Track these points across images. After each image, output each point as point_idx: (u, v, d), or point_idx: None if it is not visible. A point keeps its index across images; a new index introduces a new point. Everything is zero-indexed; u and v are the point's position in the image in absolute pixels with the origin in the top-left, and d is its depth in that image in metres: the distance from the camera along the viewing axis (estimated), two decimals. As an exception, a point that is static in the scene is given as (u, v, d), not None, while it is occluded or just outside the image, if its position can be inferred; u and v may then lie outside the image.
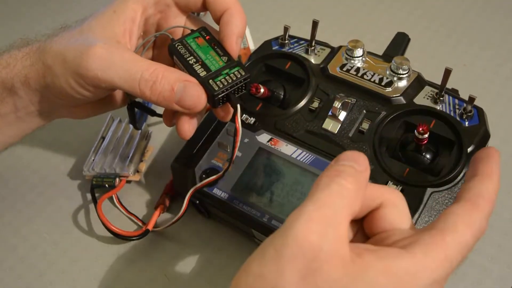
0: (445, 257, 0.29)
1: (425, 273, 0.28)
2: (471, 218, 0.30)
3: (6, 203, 0.55)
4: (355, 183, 0.29)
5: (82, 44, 0.40)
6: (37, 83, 0.43)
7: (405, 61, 0.49)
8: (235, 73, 0.41)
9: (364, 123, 0.48)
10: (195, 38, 0.43)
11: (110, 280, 0.49)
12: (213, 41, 0.42)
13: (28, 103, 0.45)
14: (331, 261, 0.27)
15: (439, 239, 0.29)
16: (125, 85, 0.40)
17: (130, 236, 0.50)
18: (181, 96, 0.40)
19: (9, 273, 0.50)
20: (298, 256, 0.27)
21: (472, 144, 0.46)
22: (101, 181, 0.53)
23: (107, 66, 0.39)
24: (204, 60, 0.41)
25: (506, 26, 0.68)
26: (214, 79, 0.40)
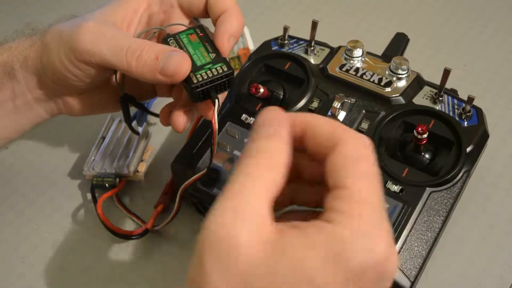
0: (361, 205, 0.28)
1: (347, 233, 0.27)
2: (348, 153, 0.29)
3: (7, 203, 0.55)
4: (263, 157, 0.29)
5: (77, 21, 0.42)
6: (34, 64, 0.44)
7: (404, 61, 0.49)
8: (217, 68, 0.40)
9: (364, 123, 0.48)
10: (188, 35, 0.43)
11: (110, 279, 0.49)
12: (206, 38, 0.42)
13: (25, 89, 0.45)
14: (248, 247, 0.27)
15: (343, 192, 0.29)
16: (112, 57, 0.40)
17: (129, 235, 0.50)
18: (164, 63, 0.40)
19: (10, 273, 0.50)
20: (216, 251, 0.27)
21: (471, 144, 0.46)
22: (101, 180, 0.53)
23: (97, 39, 0.41)
24: (192, 55, 0.41)
25: (506, 27, 0.68)
26: (195, 72, 0.40)
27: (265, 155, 0.29)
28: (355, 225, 0.28)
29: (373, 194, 0.29)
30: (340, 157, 0.29)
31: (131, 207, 0.53)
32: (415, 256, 0.42)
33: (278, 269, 0.27)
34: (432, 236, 0.43)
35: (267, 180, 0.29)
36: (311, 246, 0.27)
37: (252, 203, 0.28)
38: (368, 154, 0.30)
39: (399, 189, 0.44)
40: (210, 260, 0.27)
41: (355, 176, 0.29)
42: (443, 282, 0.47)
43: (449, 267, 0.48)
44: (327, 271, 0.27)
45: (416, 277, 0.42)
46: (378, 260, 0.27)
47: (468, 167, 0.46)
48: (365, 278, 0.28)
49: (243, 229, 0.27)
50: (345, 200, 0.28)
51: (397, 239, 0.42)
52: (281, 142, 0.30)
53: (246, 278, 0.27)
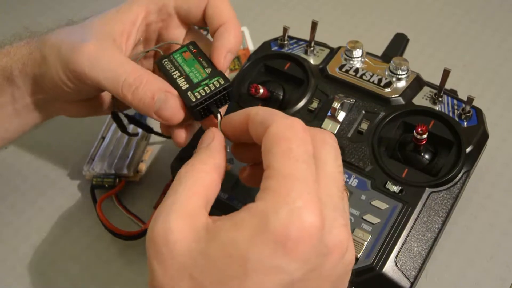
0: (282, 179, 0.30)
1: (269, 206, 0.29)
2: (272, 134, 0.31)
3: (6, 203, 0.55)
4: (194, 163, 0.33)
5: (76, 38, 0.41)
6: (33, 71, 0.44)
7: (404, 62, 0.50)
8: (214, 83, 0.39)
9: (363, 123, 0.48)
10: (182, 53, 0.42)
11: (110, 280, 0.49)
12: (200, 54, 0.41)
13: (25, 93, 0.45)
14: (181, 239, 0.29)
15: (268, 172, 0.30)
16: (109, 86, 0.40)
17: (129, 235, 0.50)
18: (160, 106, 0.39)
19: (10, 273, 0.50)
20: (155, 250, 0.30)
21: (471, 144, 0.46)
22: (101, 181, 0.53)
23: (95, 64, 0.40)
24: (188, 73, 0.40)
25: (505, 26, 0.68)
26: (192, 91, 0.39)
27: (195, 162, 0.33)
28: (277, 198, 0.29)
29: (294, 169, 0.30)
30: (268, 139, 0.31)
31: (131, 207, 0.53)
32: (414, 257, 0.42)
33: (212, 254, 0.29)
34: (432, 236, 0.43)
35: (196, 181, 0.32)
36: (238, 226, 0.29)
37: (183, 200, 0.31)
38: (291, 134, 0.31)
39: (399, 189, 0.44)
40: (152, 257, 0.30)
41: (277, 154, 0.30)
42: (443, 282, 0.48)
43: (449, 267, 0.48)
44: (257, 247, 0.28)
45: (415, 277, 0.42)
46: (305, 231, 0.28)
47: (468, 168, 0.46)
48: (301, 250, 0.28)
49: (176, 223, 0.30)
50: (270, 178, 0.30)
51: (397, 240, 0.42)
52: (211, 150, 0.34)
53: (186, 268, 0.29)
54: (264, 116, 0.33)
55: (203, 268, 0.29)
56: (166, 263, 0.29)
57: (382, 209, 0.44)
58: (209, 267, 0.29)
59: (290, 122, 0.32)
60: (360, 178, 0.45)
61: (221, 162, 0.34)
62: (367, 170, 0.46)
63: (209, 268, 0.29)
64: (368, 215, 0.43)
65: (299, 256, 0.28)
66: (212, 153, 0.34)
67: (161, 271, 0.29)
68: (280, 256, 0.28)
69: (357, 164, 0.46)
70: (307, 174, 0.30)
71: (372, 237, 0.42)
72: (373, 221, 0.43)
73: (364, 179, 0.45)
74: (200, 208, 0.31)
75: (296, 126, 0.31)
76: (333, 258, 0.31)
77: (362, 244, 0.42)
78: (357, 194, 0.45)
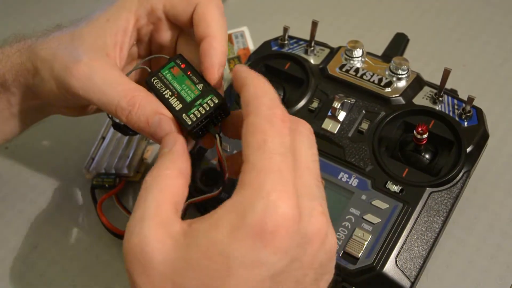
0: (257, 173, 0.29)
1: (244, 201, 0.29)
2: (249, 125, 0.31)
3: (6, 203, 0.55)
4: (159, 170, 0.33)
5: (69, 56, 0.40)
6: (26, 81, 0.43)
7: (404, 62, 0.50)
8: (208, 102, 0.38)
9: (364, 123, 0.48)
10: (170, 69, 0.40)
11: (110, 280, 0.49)
12: (188, 68, 0.40)
13: (21, 99, 0.45)
14: (158, 248, 0.29)
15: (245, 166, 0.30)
16: (103, 107, 0.40)
17: (130, 236, 0.50)
18: (155, 130, 0.39)
19: (10, 273, 0.50)
20: (133, 263, 0.29)
21: (471, 144, 0.46)
22: (101, 181, 0.53)
23: (88, 87, 0.39)
24: (179, 92, 0.39)
25: (505, 27, 0.68)
26: (187, 113, 0.38)
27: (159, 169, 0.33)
28: (252, 193, 0.29)
29: (269, 162, 0.29)
30: (246, 128, 0.31)
31: (131, 207, 0.53)
32: (415, 256, 0.42)
33: (193, 257, 0.29)
34: (432, 236, 0.43)
35: (164, 188, 0.32)
36: (215, 225, 0.29)
37: (153, 209, 0.31)
38: (268, 126, 0.31)
39: (399, 189, 0.44)
40: (131, 269, 0.30)
41: (252, 147, 0.30)
42: (443, 282, 0.48)
43: (449, 267, 0.48)
44: (235, 242, 0.28)
45: (416, 277, 0.42)
46: (282, 222, 0.28)
47: (468, 167, 0.46)
48: (279, 241, 0.28)
49: (150, 233, 0.30)
50: (246, 172, 0.30)
51: (397, 239, 0.42)
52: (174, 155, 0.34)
53: (167, 275, 0.29)
54: (249, 98, 0.32)
55: (185, 273, 0.29)
56: (147, 273, 0.29)
57: (383, 209, 0.44)
58: (191, 271, 0.28)
59: (268, 113, 0.31)
60: (360, 178, 0.45)
61: (185, 165, 0.34)
62: (368, 170, 0.46)
63: (191, 272, 0.28)
64: (368, 215, 0.43)
65: (278, 248, 0.28)
66: (175, 158, 0.34)
67: (142, 282, 0.29)
68: (259, 249, 0.28)
69: (358, 164, 0.46)
70: (282, 166, 0.30)
71: (373, 237, 0.42)
72: (374, 221, 0.43)
73: (364, 179, 0.45)
74: (171, 214, 0.31)
75: (274, 118, 0.31)
76: (313, 246, 0.31)
77: (363, 244, 0.42)
78: (357, 194, 0.45)
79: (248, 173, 0.30)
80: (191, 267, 0.28)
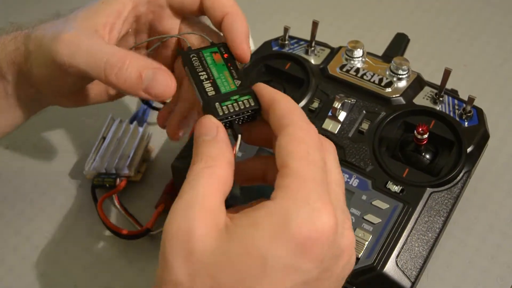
0: (302, 180, 0.30)
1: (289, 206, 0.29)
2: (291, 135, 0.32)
3: (7, 203, 0.55)
4: (208, 159, 0.32)
5: (56, 30, 0.40)
6: (22, 68, 0.43)
7: (404, 62, 0.50)
8: (245, 101, 0.36)
9: (364, 123, 0.48)
10: (212, 53, 0.39)
11: (110, 279, 0.49)
12: (230, 61, 0.39)
13: (17, 88, 0.45)
14: (203, 236, 0.29)
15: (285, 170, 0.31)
16: (90, 71, 0.39)
17: (130, 235, 0.50)
18: (149, 83, 0.38)
19: (10, 273, 0.50)
20: (176, 246, 0.29)
21: (472, 144, 0.46)
22: (101, 181, 0.53)
23: (74, 51, 0.39)
24: (215, 79, 0.37)
25: (506, 27, 0.68)
26: (221, 103, 0.36)
27: (208, 158, 0.32)
28: (297, 199, 0.29)
29: (312, 172, 0.30)
30: (286, 138, 0.32)
31: (132, 207, 0.53)
32: (415, 257, 0.42)
33: (232, 252, 0.29)
34: (432, 236, 0.43)
35: (214, 178, 0.31)
36: (256, 224, 0.29)
37: (203, 196, 0.30)
38: (308, 139, 0.32)
39: (400, 189, 0.44)
40: (171, 253, 0.29)
41: (295, 155, 0.31)
42: (443, 282, 0.48)
43: (449, 267, 0.48)
44: (276, 245, 0.28)
45: (416, 277, 0.42)
46: (323, 232, 0.29)
47: (469, 168, 0.46)
48: (318, 251, 0.29)
49: (197, 221, 0.29)
50: (287, 177, 0.30)
51: (398, 240, 0.42)
52: (220, 144, 0.33)
53: (206, 266, 0.29)
54: (285, 112, 0.33)
55: (222, 267, 0.29)
56: (186, 260, 0.29)
57: (383, 209, 0.44)
58: (229, 266, 0.29)
59: (308, 127, 0.32)
60: (361, 178, 0.45)
61: (231, 155, 0.33)
62: (368, 170, 0.46)
63: (229, 267, 0.29)
64: (369, 215, 0.43)
65: (316, 256, 0.29)
66: (222, 148, 0.33)
67: (180, 268, 0.29)
68: (298, 255, 0.29)
69: (358, 164, 0.46)
70: (323, 178, 0.31)
71: (373, 237, 0.42)
72: (374, 221, 0.43)
73: (365, 179, 0.45)
74: (219, 204, 0.31)
75: (313, 133, 0.32)
76: (343, 259, 0.32)
77: (363, 244, 0.42)
78: (358, 194, 0.45)
79: (291, 179, 0.30)
80: (230, 262, 0.29)
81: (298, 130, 0.32)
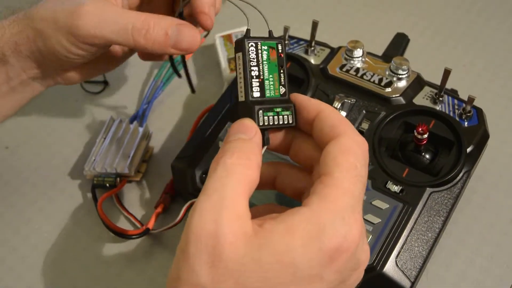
0: (342, 192, 0.30)
1: (326, 216, 0.29)
2: (343, 145, 0.32)
3: (7, 203, 0.55)
4: (241, 156, 0.31)
5: (70, 5, 0.41)
6: (28, 49, 0.43)
7: (404, 62, 0.50)
8: (285, 117, 0.35)
9: (364, 123, 0.48)
10: (270, 48, 0.37)
11: (110, 280, 0.49)
12: (282, 63, 0.37)
13: (20, 71, 0.45)
14: (232, 242, 0.28)
15: (328, 179, 0.31)
16: (118, 38, 0.40)
17: (130, 234, 0.50)
18: (176, 39, 0.40)
19: (10, 273, 0.50)
20: (201, 249, 0.28)
21: (472, 144, 0.46)
22: (101, 180, 0.53)
23: (98, 21, 0.40)
24: (264, 79, 0.36)
25: (505, 27, 0.68)
26: (264, 111, 0.35)
27: (241, 155, 0.31)
28: (334, 209, 0.30)
29: (354, 185, 0.31)
30: (336, 148, 0.32)
31: (132, 206, 0.53)
32: (415, 257, 0.42)
33: (263, 259, 0.28)
34: (432, 236, 0.43)
35: (243, 178, 0.30)
36: (291, 231, 0.29)
37: (232, 199, 0.29)
38: (360, 152, 0.32)
39: (400, 189, 0.44)
40: (195, 255, 0.28)
41: (342, 166, 0.31)
42: (443, 282, 0.48)
43: (449, 267, 0.48)
44: (308, 254, 0.28)
45: (416, 277, 0.42)
46: (351, 245, 0.29)
47: (469, 168, 0.46)
48: (341, 263, 0.29)
49: (226, 225, 0.28)
50: (328, 186, 0.30)
51: (397, 240, 0.42)
52: (254, 145, 0.32)
53: (233, 272, 0.28)
54: (336, 122, 0.33)
55: (250, 274, 0.28)
56: (212, 265, 0.28)
57: (383, 209, 0.44)
58: (258, 273, 0.28)
59: (361, 140, 0.33)
60: (360, 178, 0.45)
61: (260, 159, 0.33)
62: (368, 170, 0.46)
63: (258, 274, 0.28)
64: (368, 215, 0.43)
65: (339, 268, 0.29)
66: (256, 150, 0.32)
67: (205, 272, 0.28)
68: (325, 265, 0.29)
69: (358, 164, 0.46)
70: (362, 194, 0.31)
71: (373, 237, 0.42)
72: (374, 221, 0.43)
73: (364, 179, 0.45)
74: (246, 208, 0.30)
75: (364, 147, 0.32)
76: (358, 272, 0.32)
77: (363, 244, 0.42)
78: (357, 194, 0.45)
79: (333, 188, 0.30)
80: (260, 269, 0.28)
81: (351, 141, 0.32)
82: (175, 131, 0.59)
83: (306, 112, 0.35)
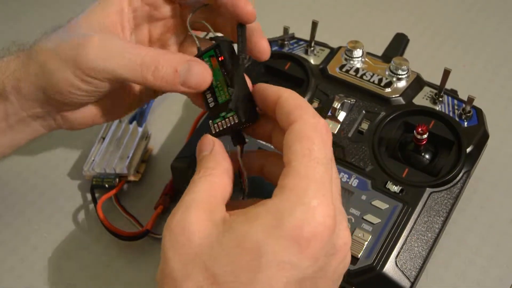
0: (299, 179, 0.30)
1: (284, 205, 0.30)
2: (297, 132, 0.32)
3: (6, 204, 0.55)
4: (206, 171, 0.34)
5: (76, 37, 0.39)
6: (29, 86, 0.41)
7: (404, 62, 0.50)
8: (230, 118, 0.36)
9: (364, 123, 0.48)
10: (210, 57, 0.38)
11: (110, 280, 0.49)
12: (223, 64, 0.38)
13: (19, 109, 0.43)
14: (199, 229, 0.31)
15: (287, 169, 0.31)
16: (126, 73, 0.38)
17: (129, 236, 0.50)
18: (186, 77, 0.38)
19: (9, 273, 0.50)
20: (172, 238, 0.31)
21: (471, 144, 0.46)
22: (101, 181, 0.53)
23: (106, 55, 0.38)
24: (214, 88, 0.37)
25: (505, 27, 0.68)
26: (213, 120, 0.37)
27: (206, 170, 0.34)
28: (293, 197, 0.30)
29: (313, 170, 0.31)
30: (291, 136, 0.32)
31: (131, 207, 0.53)
32: (415, 257, 0.42)
33: (226, 244, 0.30)
34: (432, 236, 0.43)
35: (210, 186, 0.33)
36: (252, 219, 0.30)
37: (200, 199, 0.32)
38: (315, 135, 0.32)
39: (399, 189, 0.44)
40: (167, 245, 0.31)
41: (297, 153, 0.31)
42: (443, 282, 0.47)
43: (449, 267, 0.48)
44: (271, 240, 0.29)
45: (416, 277, 0.42)
46: (318, 230, 0.29)
47: (468, 168, 0.46)
48: (313, 249, 0.30)
49: (195, 215, 0.31)
50: (288, 176, 0.31)
51: (397, 240, 0.42)
52: (216, 156, 0.35)
53: (201, 257, 0.30)
54: (292, 108, 0.33)
55: (217, 258, 0.30)
56: (181, 251, 0.30)
57: (383, 209, 0.44)
58: (223, 258, 0.29)
59: (316, 122, 0.32)
60: (360, 178, 0.45)
61: (228, 165, 0.35)
62: (368, 170, 0.46)
63: (223, 258, 0.29)
64: (368, 215, 0.43)
65: (311, 254, 0.29)
66: (218, 159, 0.35)
67: (175, 259, 0.30)
68: (293, 252, 0.29)
69: (358, 164, 0.46)
70: (324, 177, 0.31)
71: (373, 237, 0.42)
72: (374, 221, 0.43)
73: (364, 179, 0.45)
74: (218, 205, 0.33)
75: (321, 128, 0.32)
76: (338, 258, 0.32)
77: (363, 244, 0.42)
78: (357, 194, 0.45)
79: (291, 178, 0.31)
80: (224, 254, 0.29)
81: (303, 126, 0.32)
82: (174, 131, 0.59)
83: (268, 101, 0.35)
